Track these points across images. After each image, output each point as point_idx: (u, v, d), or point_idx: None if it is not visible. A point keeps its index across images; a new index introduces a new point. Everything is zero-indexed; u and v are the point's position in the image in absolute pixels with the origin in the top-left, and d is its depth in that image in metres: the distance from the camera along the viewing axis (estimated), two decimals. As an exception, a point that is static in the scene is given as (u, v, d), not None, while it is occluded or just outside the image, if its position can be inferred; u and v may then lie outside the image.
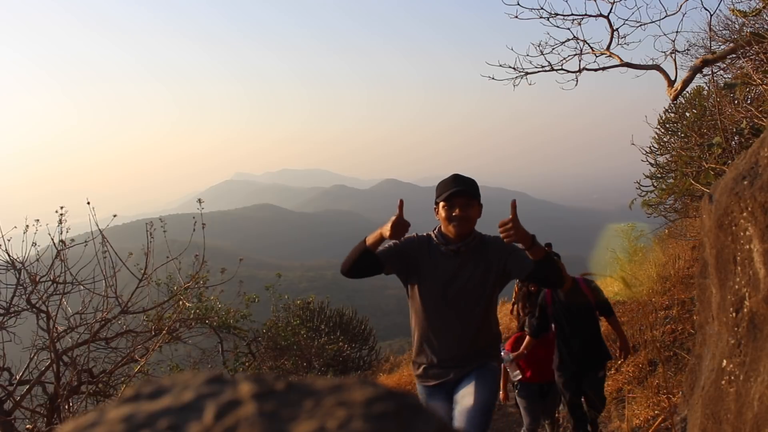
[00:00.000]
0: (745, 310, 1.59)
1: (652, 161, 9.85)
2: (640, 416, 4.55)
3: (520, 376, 4.37)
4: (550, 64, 6.89)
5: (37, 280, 4.06)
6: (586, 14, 6.73)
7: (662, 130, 10.05)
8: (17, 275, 4.06)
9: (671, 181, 9.07)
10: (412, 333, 2.76)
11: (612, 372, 5.91)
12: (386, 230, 2.47)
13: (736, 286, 1.64)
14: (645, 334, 6.29)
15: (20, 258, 4.08)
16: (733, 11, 5.93)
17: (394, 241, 2.62)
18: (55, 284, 4.11)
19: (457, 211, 2.54)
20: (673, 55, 6.73)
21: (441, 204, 2.58)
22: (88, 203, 4.25)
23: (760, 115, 5.30)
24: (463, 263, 2.60)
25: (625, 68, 6.84)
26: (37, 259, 4.20)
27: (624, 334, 4.50)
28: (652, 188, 9.89)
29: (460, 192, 2.54)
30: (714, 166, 5.89)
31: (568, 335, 4.32)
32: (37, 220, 4.15)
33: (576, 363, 4.25)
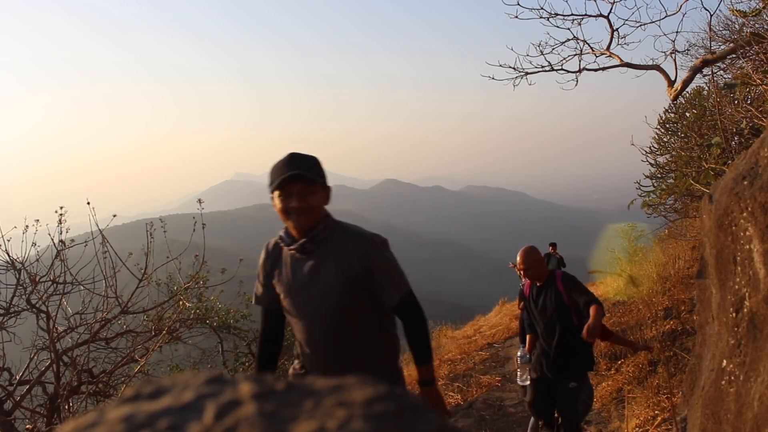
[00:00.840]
0: (745, 310, 1.59)
1: (652, 161, 9.86)
2: (640, 416, 4.55)
3: (528, 382, 4.10)
4: (550, 64, 6.89)
5: (37, 280, 4.06)
6: (586, 14, 6.73)
7: (662, 131, 10.05)
8: (17, 275, 4.05)
9: (671, 181, 9.08)
10: None
11: (612, 372, 5.91)
12: None
13: (736, 286, 1.64)
14: (645, 334, 6.30)
15: (20, 258, 4.08)
16: (733, 11, 5.93)
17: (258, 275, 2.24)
18: (55, 284, 4.11)
19: (294, 201, 1.99)
20: (673, 55, 6.73)
21: (276, 194, 2.02)
22: (88, 203, 4.25)
23: (760, 115, 5.30)
24: (312, 263, 2.08)
25: (625, 68, 6.84)
26: (37, 259, 4.20)
27: (616, 336, 3.97)
28: (652, 188, 9.90)
29: (295, 177, 1.96)
30: (714, 166, 5.89)
31: (541, 335, 3.97)
32: (37, 220, 4.15)
33: (551, 369, 3.90)
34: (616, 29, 6.77)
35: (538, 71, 6.95)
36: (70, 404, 3.94)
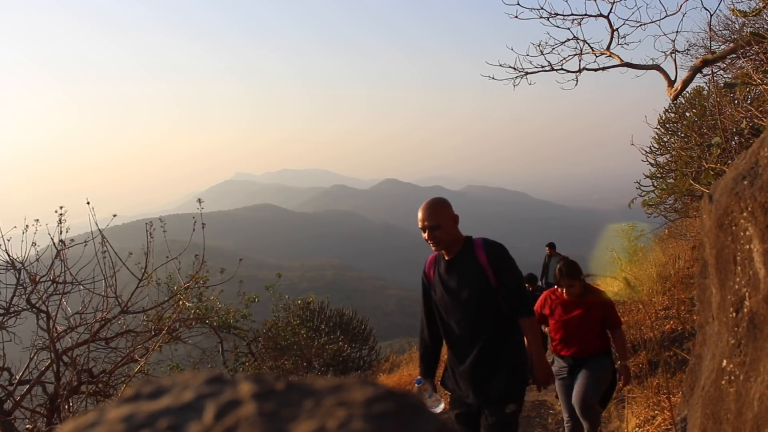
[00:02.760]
0: (745, 310, 1.58)
1: (652, 161, 9.87)
2: (640, 416, 4.55)
3: (440, 408, 2.80)
4: (550, 64, 6.89)
5: (37, 280, 4.06)
6: (586, 14, 6.73)
7: (662, 130, 10.06)
8: (17, 275, 4.05)
9: (671, 181, 9.08)
10: None
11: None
12: None
13: (736, 286, 1.64)
14: (645, 334, 6.30)
15: (20, 258, 4.08)
16: (733, 11, 5.93)
17: None
18: (55, 284, 4.11)
19: None
20: (673, 55, 6.73)
21: None
22: (88, 203, 4.25)
23: (760, 115, 5.30)
24: None
25: (625, 68, 6.84)
26: (37, 259, 4.20)
27: (541, 359, 2.69)
28: (652, 188, 9.91)
29: None
30: (714, 166, 5.90)
31: (452, 335, 2.74)
32: (37, 220, 4.15)
33: (473, 388, 2.67)
34: (616, 29, 6.78)
35: (538, 71, 6.96)
36: (70, 404, 3.94)
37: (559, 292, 3.84)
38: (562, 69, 6.92)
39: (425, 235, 2.69)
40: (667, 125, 9.98)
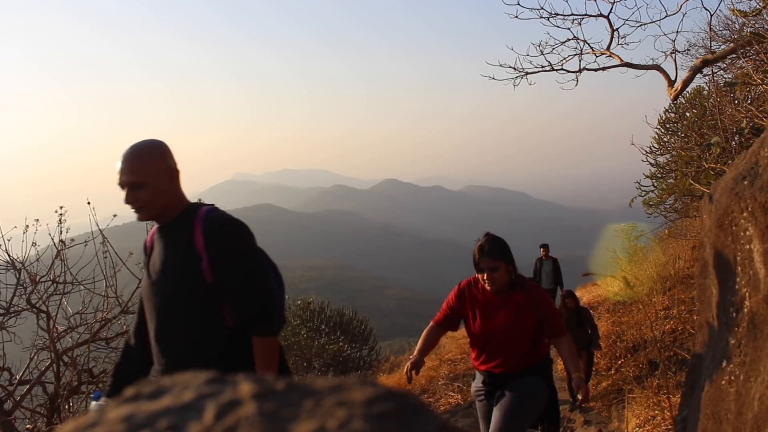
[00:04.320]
0: (745, 310, 1.58)
1: (652, 161, 9.88)
2: (640, 416, 4.55)
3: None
4: (550, 64, 6.90)
5: (37, 280, 4.06)
6: (586, 14, 6.74)
7: (662, 130, 10.07)
8: (17, 275, 4.06)
9: (671, 181, 9.09)
10: None
11: (612, 372, 5.91)
12: None
13: (736, 286, 1.64)
14: (645, 334, 6.30)
15: (20, 258, 4.08)
16: (733, 11, 5.93)
17: None
18: (55, 284, 4.11)
19: None
20: (673, 55, 6.74)
21: None
22: (89, 203, 4.25)
23: (760, 115, 5.30)
24: None
25: (625, 68, 6.85)
26: (37, 259, 4.20)
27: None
28: (652, 188, 9.92)
29: None
30: (714, 166, 5.90)
31: (154, 336, 1.85)
32: (37, 220, 4.15)
33: None
34: (616, 29, 6.78)
35: (538, 71, 6.96)
36: (70, 404, 3.94)
37: (481, 285, 2.76)
38: (562, 69, 6.93)
39: (125, 198, 1.78)
40: (667, 125, 10.00)
